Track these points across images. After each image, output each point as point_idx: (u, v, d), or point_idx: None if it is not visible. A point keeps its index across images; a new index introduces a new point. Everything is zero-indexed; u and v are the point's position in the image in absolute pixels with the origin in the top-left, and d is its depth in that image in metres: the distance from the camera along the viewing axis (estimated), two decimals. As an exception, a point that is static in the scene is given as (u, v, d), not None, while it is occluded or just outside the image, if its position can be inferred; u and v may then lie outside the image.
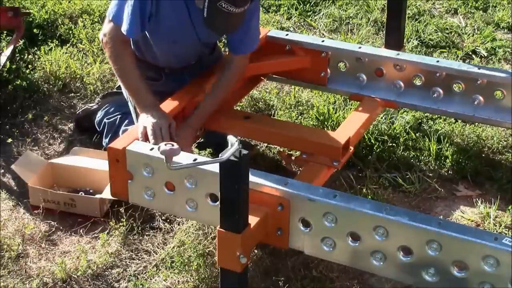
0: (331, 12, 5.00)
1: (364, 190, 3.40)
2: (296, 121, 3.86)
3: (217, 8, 2.95)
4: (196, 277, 2.94)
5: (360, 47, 3.61)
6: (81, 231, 3.25)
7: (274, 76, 3.78)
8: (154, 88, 3.31)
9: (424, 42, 4.67)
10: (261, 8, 5.07)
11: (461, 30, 4.80)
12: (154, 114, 3.07)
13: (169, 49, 3.40)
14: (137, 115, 3.18)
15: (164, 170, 2.54)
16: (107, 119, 3.68)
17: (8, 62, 4.10)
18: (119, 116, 3.66)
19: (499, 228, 3.23)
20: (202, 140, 3.39)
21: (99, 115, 3.73)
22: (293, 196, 2.60)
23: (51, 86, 4.16)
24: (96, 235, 3.23)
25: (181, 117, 3.24)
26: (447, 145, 3.66)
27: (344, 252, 2.59)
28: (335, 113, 3.84)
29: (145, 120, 3.03)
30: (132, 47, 3.36)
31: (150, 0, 3.12)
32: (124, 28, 3.15)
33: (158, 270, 3.02)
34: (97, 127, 3.73)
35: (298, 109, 3.96)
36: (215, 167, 2.47)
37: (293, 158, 3.40)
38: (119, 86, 3.97)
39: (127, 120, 3.64)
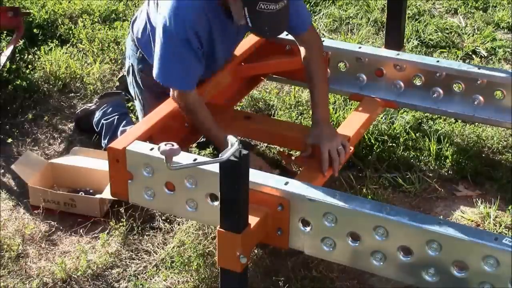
0: (331, 12, 5.00)
1: (364, 190, 3.40)
2: (296, 121, 3.86)
3: (258, 12, 2.85)
4: (196, 277, 2.94)
5: (360, 47, 3.61)
6: (81, 231, 3.26)
7: (274, 76, 3.78)
8: None
9: (424, 42, 4.67)
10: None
11: (461, 30, 4.80)
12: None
13: (220, 60, 3.35)
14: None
15: (164, 170, 2.54)
16: (104, 120, 3.68)
17: (8, 62, 4.11)
18: (116, 117, 3.66)
19: (499, 228, 3.23)
20: (202, 140, 3.40)
21: (97, 115, 3.73)
22: (293, 196, 2.60)
23: (51, 86, 4.17)
24: (96, 235, 3.23)
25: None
26: (447, 145, 3.66)
27: (344, 252, 2.59)
28: (335, 113, 3.84)
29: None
30: None
31: (195, 39, 3.02)
32: (185, 87, 3.08)
33: (158, 270, 3.02)
34: (95, 128, 3.73)
35: (298, 109, 3.96)
36: (215, 167, 2.47)
37: (293, 158, 3.40)
38: (118, 86, 3.98)
39: (125, 121, 3.64)
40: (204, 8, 3.02)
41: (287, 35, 3.71)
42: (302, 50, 3.29)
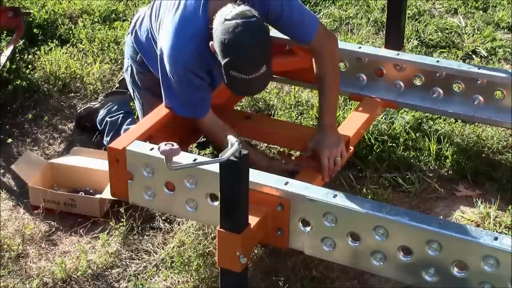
0: (331, 12, 5.00)
1: (364, 190, 3.40)
2: (296, 121, 3.86)
3: (232, 77, 2.86)
4: (196, 277, 2.94)
5: (360, 47, 3.61)
6: (81, 231, 3.25)
7: (274, 76, 3.77)
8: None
9: (424, 42, 4.67)
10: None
11: (461, 30, 4.80)
12: (279, 164, 3.19)
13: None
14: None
15: (164, 170, 2.54)
16: (109, 117, 3.68)
17: (8, 62, 4.10)
18: (121, 115, 3.67)
19: (499, 228, 3.23)
20: (202, 140, 3.39)
21: (101, 113, 3.73)
22: (293, 196, 2.60)
23: (51, 86, 4.16)
24: (96, 235, 3.23)
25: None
26: (447, 145, 3.66)
27: (344, 252, 2.59)
28: (335, 113, 3.84)
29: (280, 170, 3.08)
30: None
31: (198, 78, 3.05)
32: (196, 115, 3.12)
33: (158, 270, 3.02)
34: (98, 126, 3.73)
35: (298, 109, 3.96)
36: (215, 167, 2.47)
37: (293, 158, 3.40)
38: (117, 87, 3.97)
39: (129, 119, 3.64)
40: (201, 51, 3.01)
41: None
42: (313, 56, 3.27)
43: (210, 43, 2.91)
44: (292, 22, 3.11)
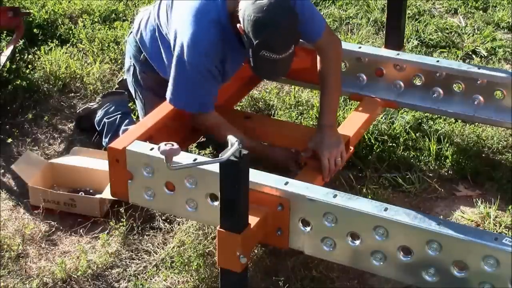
0: (331, 12, 5.00)
1: (364, 190, 3.40)
2: (296, 121, 3.86)
3: (261, 58, 2.87)
4: (196, 277, 2.94)
5: (360, 47, 3.61)
6: (81, 231, 3.25)
7: (274, 76, 3.78)
8: None
9: (424, 42, 4.67)
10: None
11: (461, 30, 4.80)
12: (281, 152, 3.27)
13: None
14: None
15: (164, 170, 2.54)
16: (107, 118, 3.68)
17: (8, 62, 4.10)
18: (119, 116, 3.66)
19: (499, 228, 3.23)
20: (202, 140, 3.39)
21: (99, 114, 3.73)
22: (293, 196, 2.60)
23: (51, 86, 4.16)
24: (96, 235, 3.23)
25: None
26: (447, 145, 3.66)
27: (344, 252, 2.59)
28: (335, 113, 3.84)
29: (282, 159, 3.17)
30: None
31: (215, 67, 3.05)
32: (205, 109, 3.12)
33: (158, 270, 3.02)
34: (96, 127, 3.73)
35: (298, 109, 3.96)
36: (215, 167, 2.47)
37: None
38: (117, 88, 3.97)
39: (127, 120, 3.64)
40: (220, 39, 3.01)
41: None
42: (318, 55, 3.27)
43: (238, 25, 2.91)
44: (303, 19, 3.11)
